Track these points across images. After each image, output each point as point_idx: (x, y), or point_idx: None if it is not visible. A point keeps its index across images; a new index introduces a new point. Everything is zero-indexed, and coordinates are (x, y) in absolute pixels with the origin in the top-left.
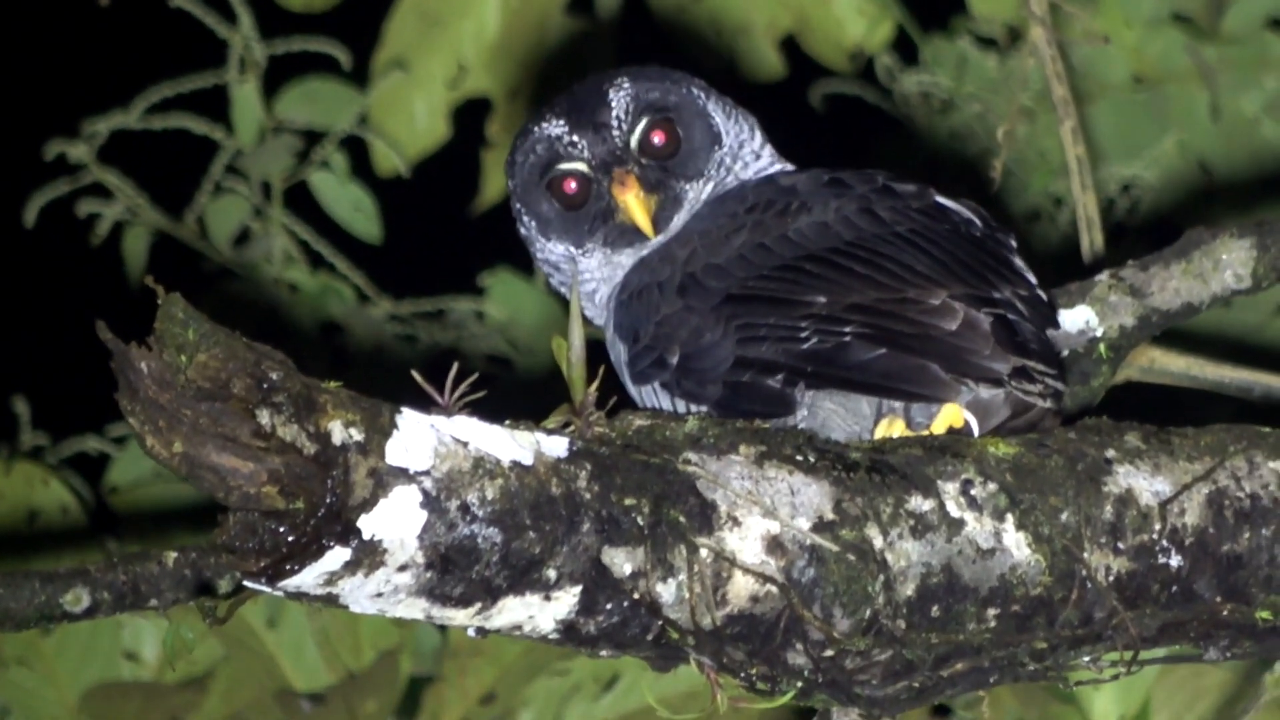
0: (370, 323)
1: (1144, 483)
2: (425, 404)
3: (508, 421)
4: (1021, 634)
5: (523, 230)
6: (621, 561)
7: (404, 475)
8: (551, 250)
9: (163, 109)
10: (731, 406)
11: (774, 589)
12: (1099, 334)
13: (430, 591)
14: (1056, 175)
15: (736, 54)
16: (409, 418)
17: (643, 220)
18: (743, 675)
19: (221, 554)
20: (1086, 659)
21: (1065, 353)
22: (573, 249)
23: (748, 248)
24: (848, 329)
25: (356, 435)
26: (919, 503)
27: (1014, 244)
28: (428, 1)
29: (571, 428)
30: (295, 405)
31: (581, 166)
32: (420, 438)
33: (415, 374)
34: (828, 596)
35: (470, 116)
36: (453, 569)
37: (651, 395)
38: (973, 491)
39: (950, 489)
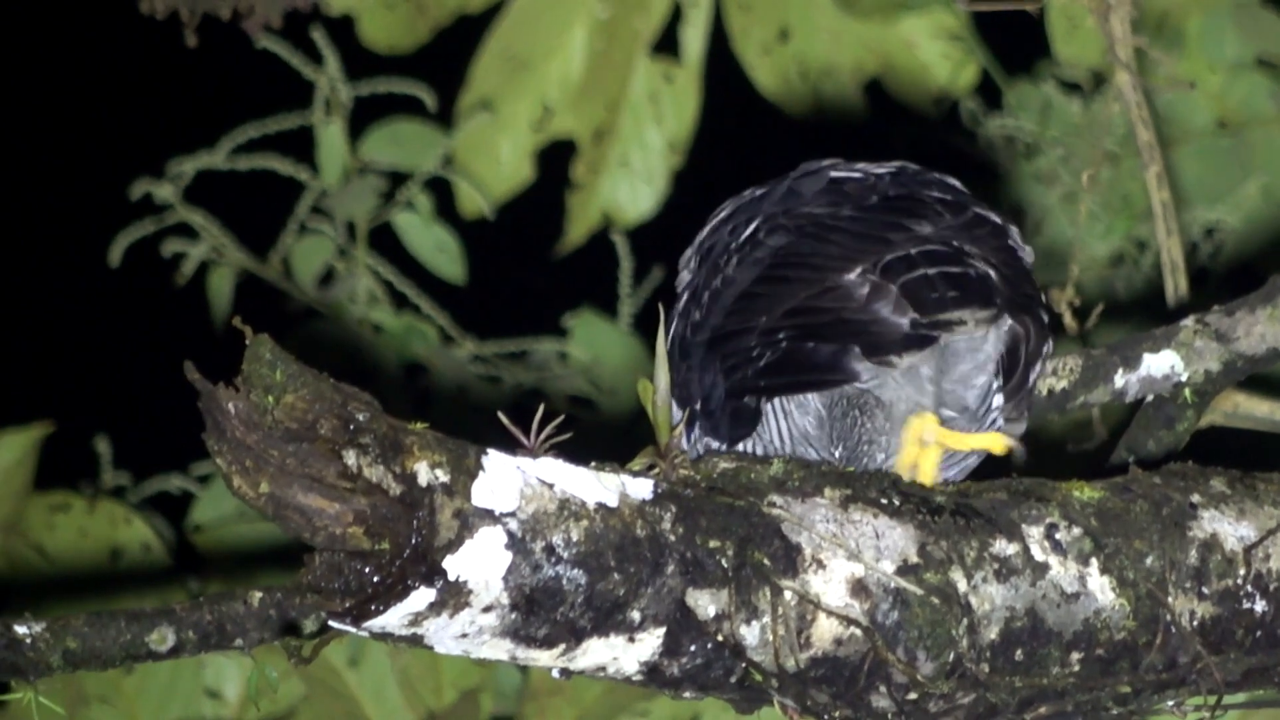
0: (454, 363)
1: (1229, 528)
2: (510, 445)
3: (593, 463)
4: (1105, 678)
5: None
6: (706, 604)
7: (489, 516)
8: None
9: (249, 149)
10: (730, 433)
11: (858, 632)
12: (1184, 379)
13: (515, 633)
14: (1140, 219)
15: (821, 96)
16: (495, 459)
17: None
18: (826, 718)
19: (307, 594)
20: (1170, 703)
21: (1149, 397)
22: None
23: (721, 288)
24: (781, 336)
25: (442, 476)
26: (1003, 546)
27: (951, 183)
28: (513, 43)
29: (656, 470)
30: (381, 446)
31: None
32: (506, 479)
33: (501, 415)
34: (911, 639)
35: (555, 158)
36: (537, 610)
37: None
38: (1057, 535)
39: (1035, 533)
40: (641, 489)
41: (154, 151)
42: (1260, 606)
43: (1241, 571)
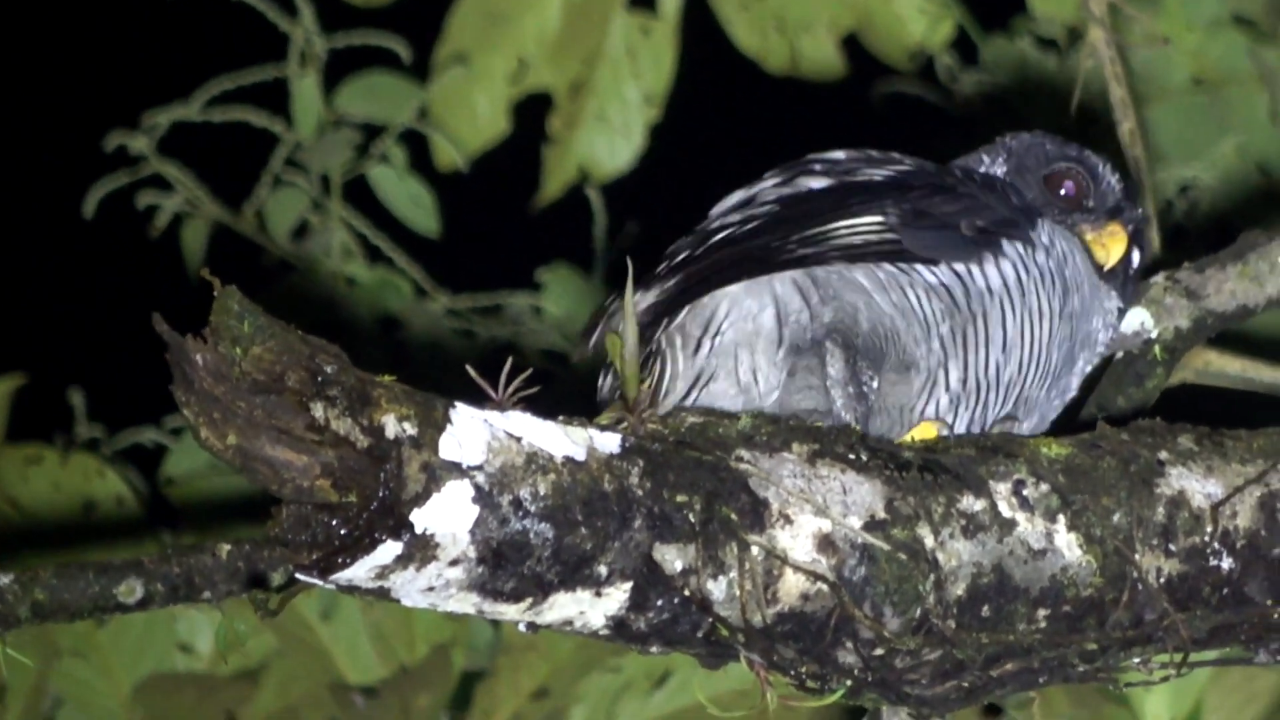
0: (428, 317)
1: (1196, 485)
2: (480, 399)
3: (561, 417)
4: (1072, 635)
5: (991, 167)
6: (673, 558)
7: (457, 470)
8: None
9: (223, 102)
10: None
11: (825, 587)
12: (1154, 336)
13: (482, 586)
14: None
15: (799, 52)
16: (462, 412)
17: (1114, 260)
18: (792, 673)
19: (274, 547)
20: (1137, 660)
21: (1120, 354)
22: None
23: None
24: None
25: (410, 429)
26: (971, 503)
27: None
28: None
29: (624, 424)
30: (349, 399)
31: (1093, 202)
32: (473, 432)
33: (470, 369)
34: (878, 595)
35: (531, 112)
36: (504, 564)
37: None
38: (1025, 492)
39: (1002, 489)
40: (609, 443)
41: (129, 103)
42: (1227, 564)
43: (1209, 529)
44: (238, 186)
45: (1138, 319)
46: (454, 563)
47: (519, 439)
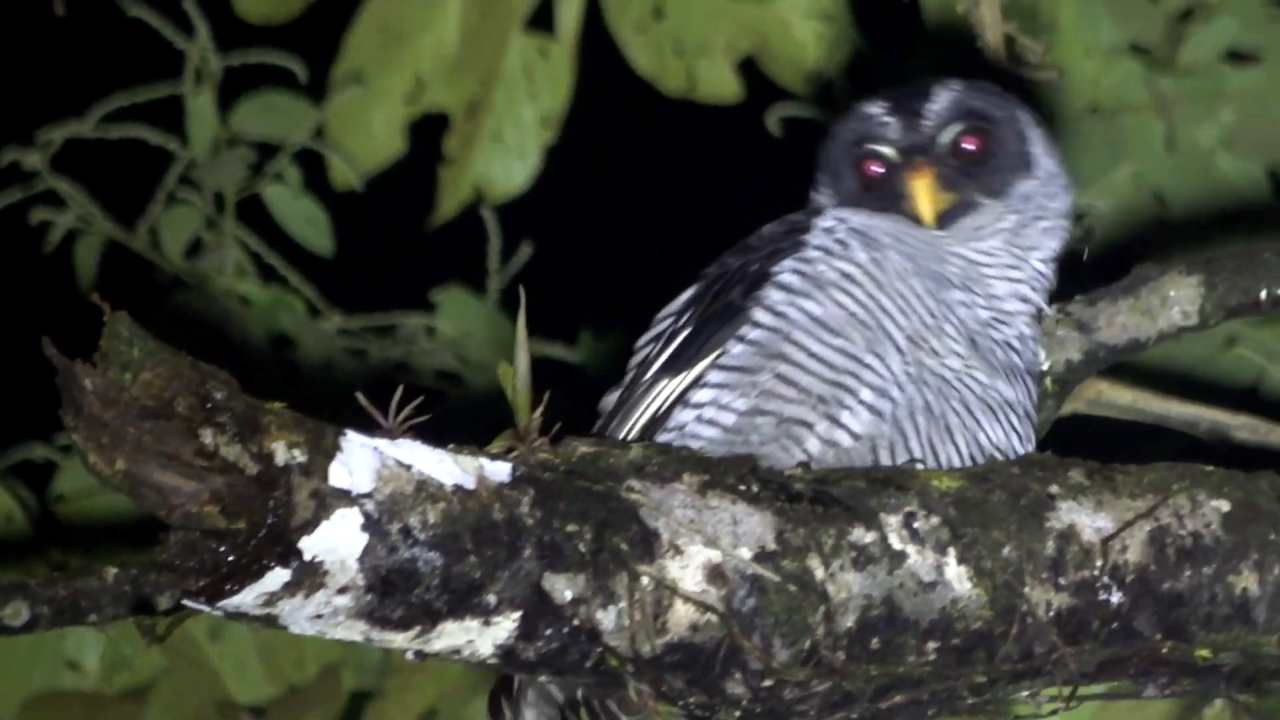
0: (321, 336)
1: (1086, 519)
2: (371, 424)
3: (451, 445)
4: (961, 668)
5: (820, 197)
6: (562, 588)
7: (346, 497)
8: None
9: (118, 118)
10: None
11: (714, 618)
12: (1045, 368)
13: (370, 614)
14: None
15: (696, 75)
16: (352, 440)
17: (926, 208)
18: (681, 704)
19: (162, 572)
20: (1026, 694)
21: None
22: None
23: None
24: None
25: (299, 456)
26: (861, 535)
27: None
28: (387, 15)
29: (515, 452)
30: (239, 425)
31: (888, 150)
32: (363, 460)
33: (360, 396)
34: (768, 626)
35: (427, 131)
36: (393, 592)
37: None
38: (915, 524)
39: (893, 521)
40: (500, 472)
41: (23, 119)
42: (1116, 598)
43: (1098, 563)
44: (132, 204)
45: None
46: (342, 590)
47: (409, 467)
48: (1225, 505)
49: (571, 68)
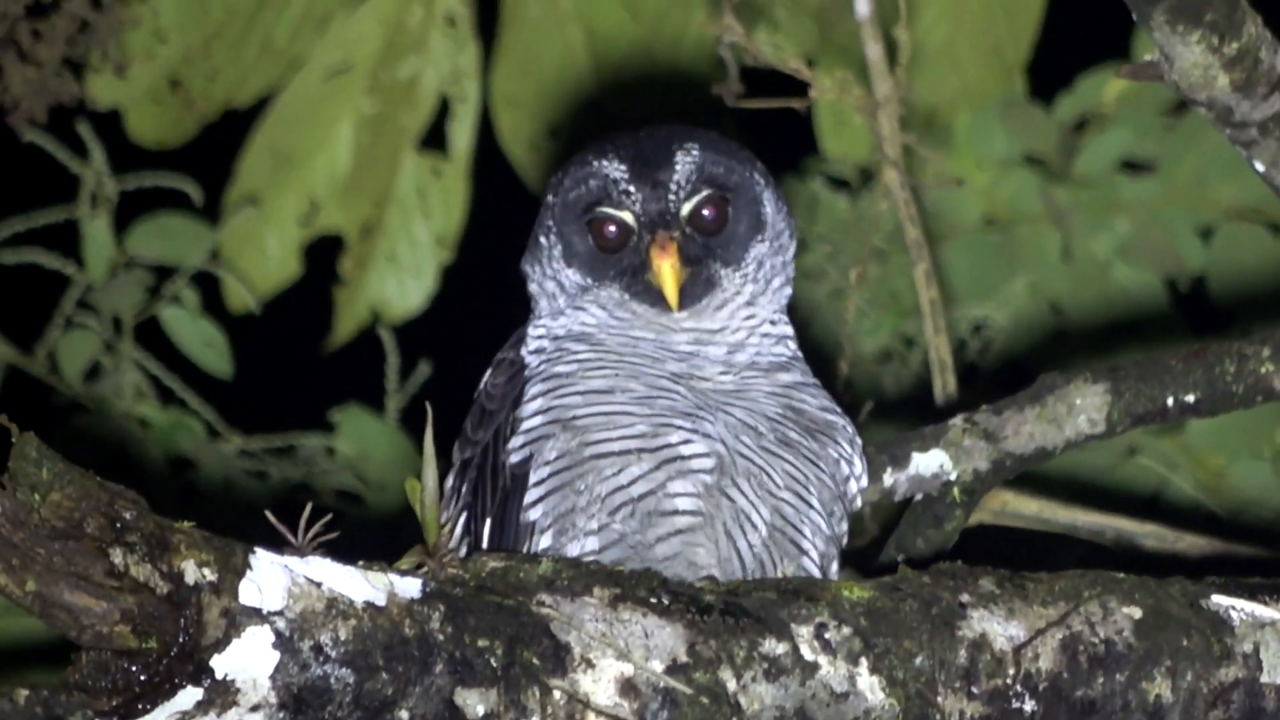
0: (221, 458)
1: (998, 627)
2: (278, 543)
3: (361, 562)
4: None
5: (542, 244)
6: (475, 703)
7: (257, 615)
8: (565, 275)
9: (14, 243)
10: None
11: None
12: (953, 478)
13: None
14: (908, 316)
15: None
16: (262, 558)
17: (671, 290)
18: None
19: (74, 692)
20: None
21: (918, 496)
22: (590, 281)
23: None
24: None
25: (210, 575)
26: (773, 646)
27: None
28: (280, 139)
29: (425, 569)
30: (148, 545)
31: (628, 217)
32: (273, 578)
33: (269, 514)
34: None
35: (322, 253)
36: (305, 709)
37: None
38: (827, 635)
39: (804, 632)
40: (410, 588)
41: None
42: (1030, 706)
43: (1011, 671)
44: (29, 327)
45: (936, 461)
46: (255, 708)
47: (319, 584)
48: (1137, 612)
49: (465, 187)
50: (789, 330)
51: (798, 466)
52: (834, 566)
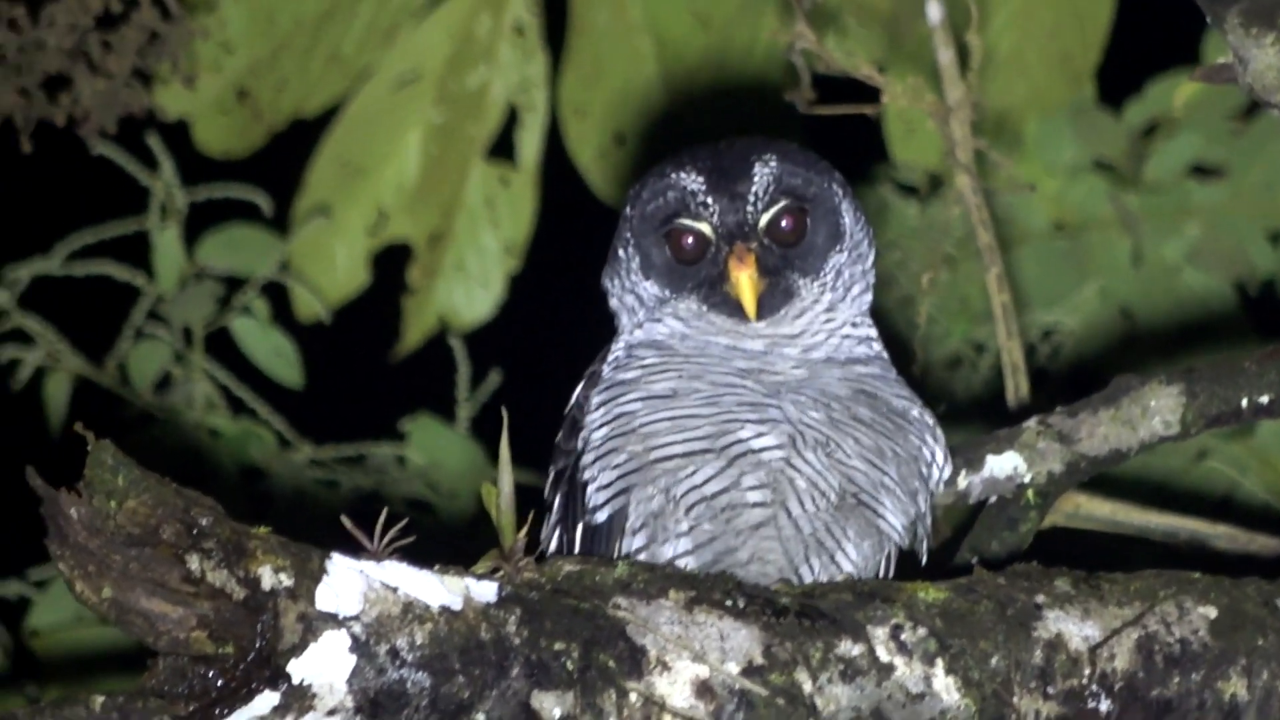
0: (291, 468)
1: (1074, 628)
2: (352, 549)
3: (437, 566)
4: None
5: (620, 257)
6: (551, 706)
7: (333, 620)
8: (643, 288)
9: (84, 255)
10: None
11: None
12: (1027, 480)
13: None
14: (978, 322)
15: None
16: (338, 563)
17: (749, 301)
18: None
19: (149, 698)
20: None
21: (993, 498)
22: (668, 293)
23: None
24: None
25: (286, 580)
26: (848, 647)
27: None
28: (349, 149)
29: (501, 573)
30: (225, 551)
31: (705, 228)
32: (349, 583)
33: (344, 519)
34: None
35: (391, 262)
36: (381, 713)
37: None
38: (902, 636)
39: (880, 634)
40: (486, 592)
41: None
42: (1105, 705)
43: (1086, 671)
44: (100, 339)
45: (1010, 463)
46: (331, 713)
47: (395, 589)
48: (1212, 611)
49: (534, 195)
50: (872, 332)
51: (871, 439)
52: (923, 548)
